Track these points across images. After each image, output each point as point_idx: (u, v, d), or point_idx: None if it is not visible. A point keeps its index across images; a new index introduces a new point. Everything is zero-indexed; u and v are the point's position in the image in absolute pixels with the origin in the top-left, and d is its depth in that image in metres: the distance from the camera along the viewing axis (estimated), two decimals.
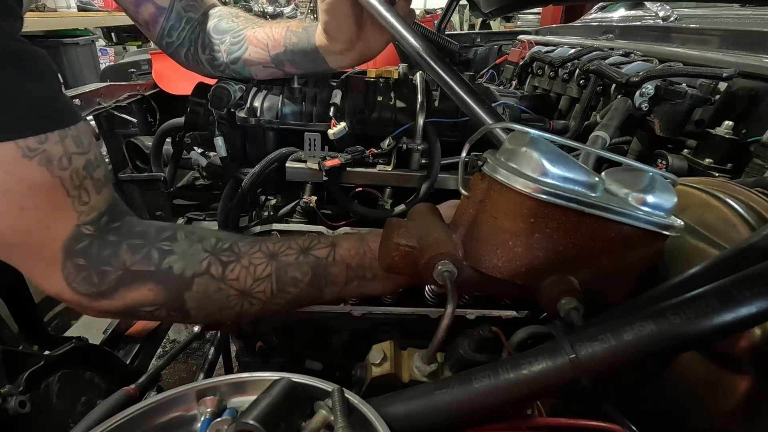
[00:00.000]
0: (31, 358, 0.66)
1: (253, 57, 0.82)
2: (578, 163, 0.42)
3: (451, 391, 0.37)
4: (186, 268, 0.48)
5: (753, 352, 0.37)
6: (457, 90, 0.61)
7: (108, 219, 0.48)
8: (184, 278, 0.48)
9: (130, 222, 0.50)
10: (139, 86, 1.45)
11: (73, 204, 0.45)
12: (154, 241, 0.49)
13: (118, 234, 0.48)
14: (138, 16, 0.79)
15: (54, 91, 0.44)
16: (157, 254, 0.48)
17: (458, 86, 0.61)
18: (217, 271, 0.50)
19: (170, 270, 0.48)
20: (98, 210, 0.47)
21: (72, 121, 0.44)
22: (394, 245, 0.47)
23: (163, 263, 0.48)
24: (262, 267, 0.51)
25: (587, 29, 1.62)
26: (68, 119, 0.44)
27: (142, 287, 0.48)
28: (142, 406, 0.38)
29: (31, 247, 0.44)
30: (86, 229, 0.46)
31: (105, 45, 4.79)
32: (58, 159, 0.42)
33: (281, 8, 5.29)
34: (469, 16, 5.59)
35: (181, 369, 1.75)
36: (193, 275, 0.49)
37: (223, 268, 0.50)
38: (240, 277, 0.50)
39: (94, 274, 0.46)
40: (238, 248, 0.51)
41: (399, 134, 0.84)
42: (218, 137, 0.85)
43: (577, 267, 0.43)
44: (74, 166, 0.44)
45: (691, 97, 0.81)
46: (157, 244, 0.49)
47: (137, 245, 0.48)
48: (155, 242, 0.49)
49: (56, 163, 0.42)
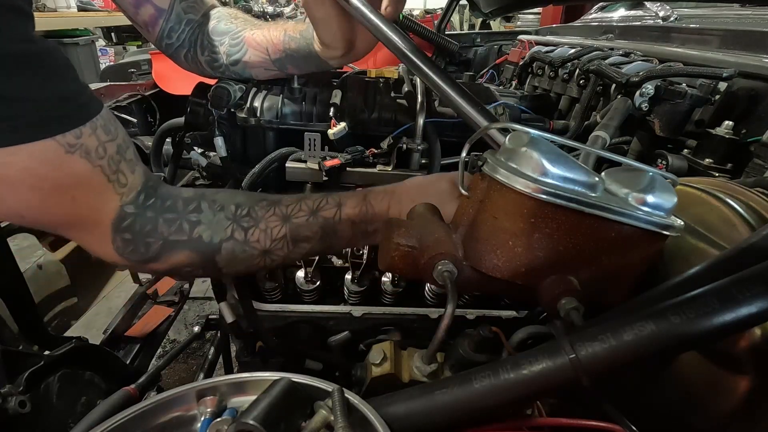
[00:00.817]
0: (31, 358, 0.66)
1: (253, 60, 0.82)
2: (578, 163, 0.42)
3: (451, 391, 0.37)
4: (213, 236, 0.56)
5: (753, 352, 0.37)
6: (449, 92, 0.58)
7: (145, 196, 0.54)
8: (213, 244, 0.56)
9: (162, 196, 0.56)
10: (139, 86, 1.45)
11: (114, 187, 0.51)
12: (183, 213, 0.56)
13: (154, 210, 0.55)
14: (137, 18, 0.78)
15: (77, 84, 0.47)
16: (187, 226, 0.55)
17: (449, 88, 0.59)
18: (240, 235, 0.57)
19: (200, 239, 0.56)
20: (135, 189, 0.53)
21: (97, 110, 0.48)
22: (394, 245, 0.47)
23: (194, 233, 0.55)
24: (277, 229, 0.58)
25: (587, 29, 1.62)
26: (94, 110, 0.48)
27: (180, 253, 0.56)
28: (142, 406, 0.38)
29: (86, 227, 0.52)
30: (129, 209, 0.53)
31: (105, 45, 4.80)
32: (95, 150, 0.47)
33: (281, 8, 5.28)
34: (469, 16, 5.59)
35: (181, 369, 1.75)
36: (221, 241, 0.56)
37: (245, 233, 0.57)
38: (260, 239, 0.58)
39: (140, 245, 0.54)
40: (255, 213, 0.58)
41: (399, 134, 0.84)
42: (218, 137, 0.85)
43: (577, 267, 0.43)
44: (109, 153, 0.49)
45: (691, 97, 0.81)
46: (186, 216, 0.56)
47: (171, 219, 0.55)
48: (184, 215, 0.56)
49: (94, 154, 0.47)
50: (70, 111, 0.45)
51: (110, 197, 0.51)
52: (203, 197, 0.58)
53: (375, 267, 0.80)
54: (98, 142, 0.48)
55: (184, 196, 0.57)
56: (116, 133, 0.50)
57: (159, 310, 1.41)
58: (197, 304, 2.15)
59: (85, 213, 0.50)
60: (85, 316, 1.30)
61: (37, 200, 0.46)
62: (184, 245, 0.55)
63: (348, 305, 0.78)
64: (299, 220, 0.59)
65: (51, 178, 0.45)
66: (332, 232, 0.59)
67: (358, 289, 0.79)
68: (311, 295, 0.80)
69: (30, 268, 1.14)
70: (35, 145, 0.42)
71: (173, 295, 1.49)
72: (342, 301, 0.82)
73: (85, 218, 0.51)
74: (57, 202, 0.47)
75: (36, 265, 1.16)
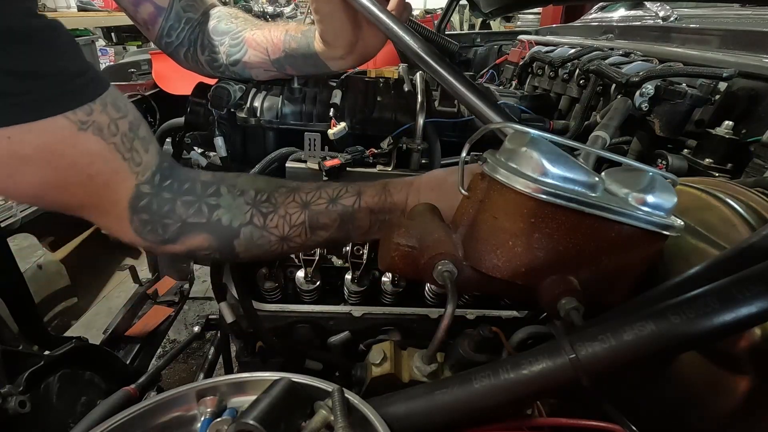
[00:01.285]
0: (31, 358, 0.66)
1: (253, 60, 0.82)
2: (578, 163, 0.42)
3: (451, 391, 0.37)
4: (233, 220, 0.55)
5: (753, 352, 0.37)
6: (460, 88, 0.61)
7: (161, 177, 0.54)
8: (232, 228, 0.56)
9: (180, 178, 0.55)
10: (139, 86, 1.45)
11: (129, 166, 0.50)
12: (202, 196, 0.55)
13: (172, 191, 0.54)
14: (137, 16, 0.79)
15: (83, 60, 0.46)
16: (206, 209, 0.55)
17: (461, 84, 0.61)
18: (259, 221, 0.56)
19: (219, 222, 0.55)
20: (150, 169, 0.53)
21: (105, 86, 0.47)
22: (394, 245, 0.47)
23: (213, 216, 0.55)
24: (296, 215, 0.57)
25: (587, 29, 1.62)
26: (102, 86, 0.47)
27: (198, 236, 0.55)
28: (142, 406, 0.38)
29: (103, 206, 0.51)
30: (145, 188, 0.52)
31: (105, 45, 4.80)
32: (107, 127, 0.47)
33: (281, 8, 5.28)
34: (469, 16, 5.59)
35: (181, 369, 1.75)
36: (240, 225, 0.56)
37: (264, 219, 0.57)
38: (279, 225, 0.57)
39: (158, 226, 0.53)
40: (275, 199, 0.58)
41: (399, 134, 0.84)
42: (218, 137, 0.85)
43: (577, 267, 0.43)
44: (121, 130, 0.48)
45: (691, 97, 0.81)
46: (205, 199, 0.55)
47: (189, 201, 0.54)
48: (203, 198, 0.55)
49: (107, 131, 0.47)
50: (78, 87, 0.44)
51: (126, 176, 0.50)
52: (222, 181, 0.57)
53: (375, 267, 0.80)
54: (110, 119, 0.47)
55: (203, 179, 0.57)
56: (127, 110, 0.50)
57: (159, 310, 1.41)
58: (197, 304, 2.15)
59: (102, 192, 0.49)
60: (85, 316, 1.30)
61: (54, 179, 0.45)
62: (202, 228, 0.55)
63: (348, 305, 0.78)
64: (318, 207, 0.58)
65: (67, 155, 0.44)
66: (351, 220, 0.59)
67: (358, 289, 0.79)
68: (311, 295, 0.80)
69: (30, 268, 1.14)
70: (48, 122, 0.42)
71: (173, 295, 1.49)
72: (342, 301, 0.82)
73: (103, 198, 0.50)
74: (74, 181, 0.46)
75: (36, 265, 1.16)
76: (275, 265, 0.78)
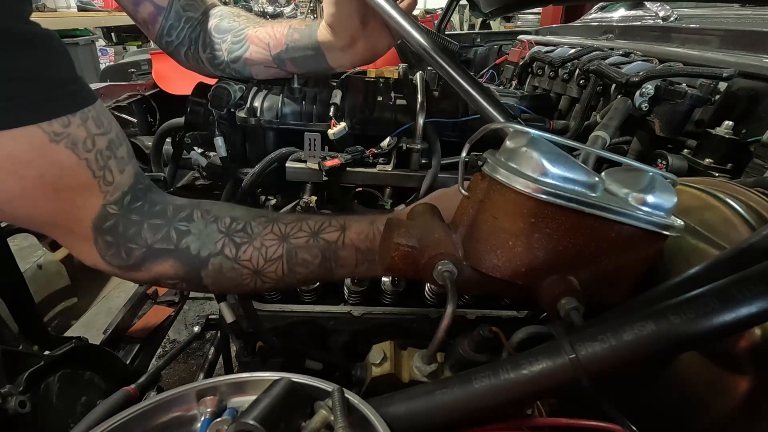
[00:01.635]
0: (31, 358, 0.66)
1: (254, 56, 0.82)
2: (578, 163, 0.42)
3: (451, 391, 0.37)
4: (202, 248, 0.52)
5: (753, 352, 0.37)
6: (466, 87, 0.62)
7: (131, 198, 0.51)
8: (200, 257, 0.52)
9: (151, 200, 0.53)
10: (139, 86, 1.45)
11: (99, 185, 0.48)
12: (172, 221, 0.52)
13: (140, 214, 0.51)
14: (137, 15, 0.79)
15: (70, 72, 0.45)
16: (175, 234, 0.51)
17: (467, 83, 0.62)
18: (231, 252, 0.53)
19: (188, 249, 0.52)
20: (121, 189, 0.50)
21: (89, 101, 0.46)
22: (394, 245, 0.47)
23: (182, 243, 0.51)
24: (273, 249, 0.53)
25: (587, 29, 1.62)
26: (86, 100, 0.46)
27: (164, 263, 0.52)
28: (142, 406, 0.38)
29: (67, 224, 0.48)
30: (111, 209, 0.49)
31: (105, 45, 4.80)
32: (82, 141, 0.45)
33: (281, 8, 5.29)
34: (469, 16, 5.59)
35: (181, 369, 1.75)
36: (209, 255, 0.52)
37: (237, 250, 0.53)
38: (252, 257, 0.53)
39: (122, 250, 0.50)
40: (251, 229, 0.54)
41: (399, 134, 0.84)
42: (218, 137, 0.85)
43: (577, 267, 0.43)
44: (98, 147, 0.46)
45: (691, 97, 0.81)
46: (175, 224, 0.52)
47: (157, 225, 0.51)
48: (173, 222, 0.52)
49: (81, 146, 0.45)
50: (59, 97, 0.43)
51: (93, 194, 0.48)
52: (198, 206, 0.54)
53: None
54: (87, 134, 0.45)
55: (177, 203, 0.54)
56: (109, 128, 0.48)
57: (159, 310, 1.41)
58: (197, 304, 2.15)
59: (67, 207, 0.47)
60: (85, 316, 1.30)
61: (19, 190, 0.43)
62: (169, 254, 0.51)
63: (348, 305, 0.78)
64: (298, 240, 0.54)
65: (34, 166, 0.42)
66: (334, 257, 0.55)
67: (358, 289, 0.79)
68: (311, 295, 0.80)
69: (30, 268, 1.14)
70: (19, 131, 0.40)
71: (173, 295, 1.49)
72: (342, 301, 0.82)
73: (68, 215, 0.47)
74: (39, 193, 0.44)
75: (36, 265, 1.16)
76: None
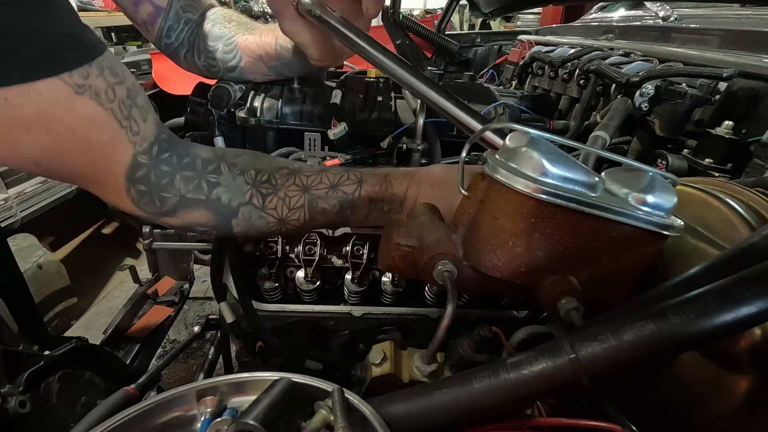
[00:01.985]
0: (31, 358, 0.66)
1: (249, 66, 0.84)
2: (578, 163, 0.42)
3: (451, 391, 0.37)
4: (232, 199, 0.56)
5: (753, 352, 0.37)
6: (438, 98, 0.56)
7: (158, 149, 0.53)
8: (231, 207, 0.56)
9: (179, 152, 0.55)
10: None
11: (127, 135, 0.49)
12: (203, 173, 0.55)
13: (171, 165, 0.53)
14: (136, 16, 0.79)
15: (78, 23, 0.44)
16: (206, 186, 0.55)
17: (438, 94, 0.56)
18: (258, 201, 0.57)
19: (219, 200, 0.55)
20: (148, 140, 0.52)
21: (101, 50, 0.46)
22: (394, 245, 0.47)
23: (212, 194, 0.55)
24: (296, 199, 0.58)
25: (587, 29, 1.62)
26: (99, 50, 0.45)
27: (197, 212, 0.55)
28: (142, 406, 0.38)
29: (101, 176, 0.50)
30: (142, 158, 0.51)
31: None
32: (104, 92, 0.45)
33: None
34: (469, 16, 5.58)
35: (181, 369, 1.75)
36: (239, 205, 0.56)
37: (263, 200, 0.57)
38: (277, 207, 0.57)
39: (156, 198, 0.53)
40: (275, 180, 0.58)
41: (399, 134, 0.84)
42: (218, 137, 0.85)
43: (577, 267, 0.43)
44: (119, 96, 0.47)
45: (691, 97, 0.81)
46: (206, 176, 0.55)
47: (189, 176, 0.54)
48: (203, 174, 0.55)
49: (104, 96, 0.45)
50: (74, 48, 0.43)
51: (123, 145, 0.49)
52: (223, 159, 0.57)
53: (375, 267, 0.80)
54: (107, 84, 0.45)
55: (203, 156, 0.56)
56: (124, 76, 0.48)
57: (159, 310, 1.41)
58: (197, 304, 2.15)
59: (100, 160, 0.48)
60: (85, 316, 1.30)
61: (52, 145, 0.44)
62: (201, 204, 0.55)
63: (348, 305, 0.78)
64: (319, 192, 0.58)
65: (64, 120, 0.43)
66: (350, 207, 0.59)
67: (358, 289, 0.79)
68: (311, 295, 0.80)
69: (30, 268, 1.14)
70: (43, 83, 0.40)
71: (173, 295, 1.49)
72: (342, 301, 0.82)
73: (100, 167, 0.49)
74: (72, 147, 0.45)
75: (36, 265, 1.16)
76: (275, 265, 0.78)
